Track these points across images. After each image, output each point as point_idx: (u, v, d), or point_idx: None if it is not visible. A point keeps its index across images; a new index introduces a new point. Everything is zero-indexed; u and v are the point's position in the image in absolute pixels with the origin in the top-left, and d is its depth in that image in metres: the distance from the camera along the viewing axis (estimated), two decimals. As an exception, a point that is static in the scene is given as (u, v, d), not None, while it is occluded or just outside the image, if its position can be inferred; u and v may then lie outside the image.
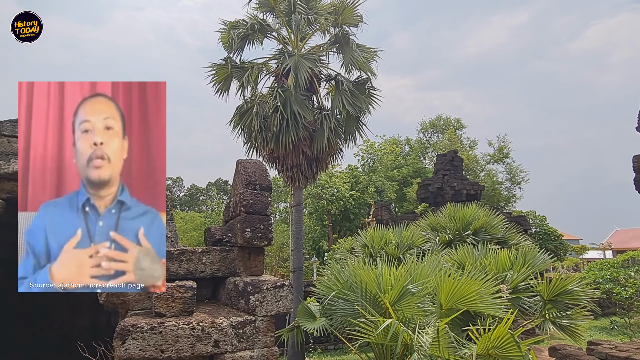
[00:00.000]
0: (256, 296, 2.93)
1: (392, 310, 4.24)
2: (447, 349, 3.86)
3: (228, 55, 8.97)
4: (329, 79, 8.82)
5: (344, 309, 4.85)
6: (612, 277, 16.42)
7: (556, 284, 5.45)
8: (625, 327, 15.02)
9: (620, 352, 10.30)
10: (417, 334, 3.77)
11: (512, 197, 30.80)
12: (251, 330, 2.76)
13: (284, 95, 7.91)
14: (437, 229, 9.48)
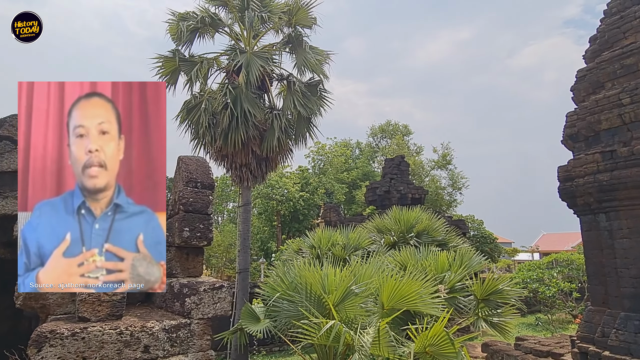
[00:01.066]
0: (192, 298, 2.81)
1: (336, 311, 4.27)
2: (387, 348, 3.96)
3: (176, 48, 8.61)
4: (281, 78, 8.76)
5: (289, 310, 4.81)
6: (538, 277, 17.86)
7: (488, 284, 5.79)
8: (548, 323, 16.39)
9: (543, 346, 11.20)
10: (359, 334, 3.83)
11: (454, 201, 32.49)
12: (186, 334, 2.64)
13: (234, 92, 7.74)
14: (383, 231, 9.74)
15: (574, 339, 10.03)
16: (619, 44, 9.75)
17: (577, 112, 10.21)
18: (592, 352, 9.06)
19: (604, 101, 9.39)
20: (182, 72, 8.69)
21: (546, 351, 10.71)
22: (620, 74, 9.44)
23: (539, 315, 17.63)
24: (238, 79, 7.95)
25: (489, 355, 11.37)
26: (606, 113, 9.33)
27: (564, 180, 10.29)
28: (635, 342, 8.42)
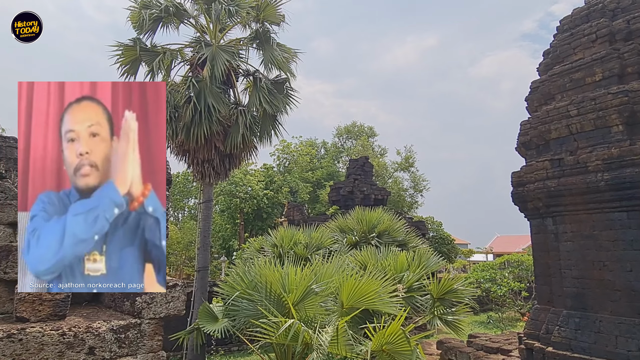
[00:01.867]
0: (144, 297, 2.71)
1: (295, 310, 4.27)
2: (345, 347, 4.00)
3: (137, 37, 8.26)
4: (247, 74, 8.62)
5: (248, 309, 4.76)
6: (491, 277, 18.72)
7: (444, 283, 6.00)
8: (499, 321, 17.23)
9: (494, 343, 11.75)
10: (318, 333, 3.84)
11: (415, 203, 33.38)
12: (135, 335, 2.53)
13: (198, 86, 7.53)
14: (346, 231, 9.84)
15: (522, 336, 10.61)
16: (569, 59, 10.40)
17: (530, 121, 10.79)
18: (537, 348, 9.62)
19: (554, 112, 9.99)
20: (144, 62, 8.35)
21: (496, 348, 11.26)
22: (569, 87, 10.08)
23: (490, 314, 18.47)
24: (202, 72, 7.75)
25: (443, 352, 11.78)
26: (555, 123, 9.92)
27: (516, 186, 10.84)
28: (575, 339, 9.02)
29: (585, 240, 9.27)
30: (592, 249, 9.15)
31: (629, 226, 8.61)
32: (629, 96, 8.75)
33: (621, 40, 9.62)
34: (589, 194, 9.07)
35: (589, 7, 10.52)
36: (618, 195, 8.63)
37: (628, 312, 8.46)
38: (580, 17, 10.58)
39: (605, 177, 8.71)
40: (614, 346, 8.39)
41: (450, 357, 11.38)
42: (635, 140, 8.70)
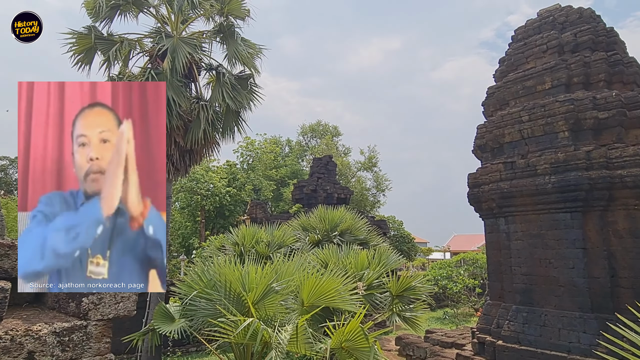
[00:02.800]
0: (90, 298, 2.57)
1: (255, 309, 4.22)
2: (304, 345, 4.00)
3: (92, 24, 7.83)
4: (210, 68, 8.40)
5: (206, 309, 4.65)
6: (447, 274, 19.42)
7: (403, 281, 6.15)
8: (454, 317, 17.91)
9: (449, 338, 12.21)
10: (277, 331, 3.82)
11: (377, 202, 34.02)
12: (80, 338, 2.40)
13: (157, 78, 7.25)
14: (308, 229, 9.86)
15: (474, 330, 11.10)
16: (522, 67, 10.97)
17: (486, 125, 11.29)
18: (488, 342, 10.09)
19: (508, 117, 10.50)
20: (99, 51, 7.93)
21: (451, 342, 11.71)
22: (522, 94, 10.64)
23: (446, 310, 19.17)
24: (163, 64, 7.47)
25: (402, 347, 12.10)
26: (509, 128, 10.44)
27: (472, 187, 11.31)
28: (522, 332, 9.55)
29: (534, 239, 9.83)
30: (539, 248, 9.72)
31: (572, 226, 9.22)
32: (575, 104, 9.36)
33: (569, 51, 10.27)
34: (537, 196, 9.62)
35: (541, 19, 11.15)
36: (563, 197, 9.22)
37: (570, 306, 9.06)
38: (533, 28, 11.19)
39: (552, 180, 9.28)
40: (557, 338, 8.97)
41: (408, 352, 11.71)
42: (579, 146, 9.32)
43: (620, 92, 9.37)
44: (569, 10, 10.80)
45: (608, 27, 10.37)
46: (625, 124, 9.15)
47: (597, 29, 10.19)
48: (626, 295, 8.51)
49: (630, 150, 8.68)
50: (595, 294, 8.81)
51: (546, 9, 11.22)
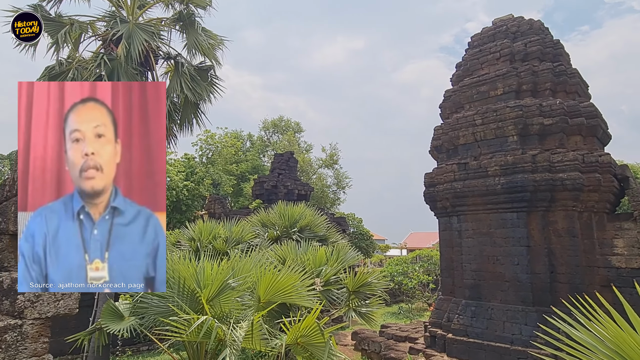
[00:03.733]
0: (27, 295, 2.40)
1: (210, 306, 4.14)
2: (259, 342, 3.98)
3: (39, 3, 7.30)
4: (168, 57, 8.09)
5: (158, 306, 4.50)
6: (403, 271, 20.02)
7: (359, 277, 6.27)
8: (409, 312, 18.50)
9: (403, 332, 12.59)
10: (232, 328, 3.77)
11: (337, 200, 34.34)
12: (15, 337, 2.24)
13: (110, 64, 6.88)
14: (267, 225, 9.79)
15: (427, 324, 11.53)
16: (477, 72, 11.47)
17: (443, 127, 11.71)
18: (439, 335, 10.53)
19: (462, 120, 10.96)
20: (46, 33, 7.40)
21: (404, 336, 12.09)
22: (476, 98, 11.13)
23: (401, 305, 19.76)
24: (117, 50, 7.10)
25: (357, 342, 12.34)
26: (463, 130, 10.89)
27: (428, 186, 11.71)
28: (471, 325, 10.04)
29: (483, 237, 10.35)
30: (488, 245, 10.25)
31: (517, 225, 9.79)
32: (523, 110, 9.93)
33: (519, 60, 10.86)
34: (487, 196, 10.13)
35: (495, 27, 11.71)
36: (510, 197, 9.76)
37: (514, 300, 9.63)
38: (488, 36, 11.72)
39: (502, 181, 9.80)
40: (502, 330, 9.51)
41: (363, 346, 11.95)
42: (526, 149, 9.91)
43: (564, 101, 10.05)
44: (521, 21, 11.42)
45: (555, 39, 11.07)
46: (567, 130, 9.83)
47: (545, 41, 10.84)
48: (563, 289, 9.17)
49: (570, 155, 9.34)
50: (537, 289, 9.42)
51: (500, 19, 11.79)
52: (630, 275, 8.78)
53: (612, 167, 9.44)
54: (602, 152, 9.78)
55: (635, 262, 8.80)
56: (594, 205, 9.41)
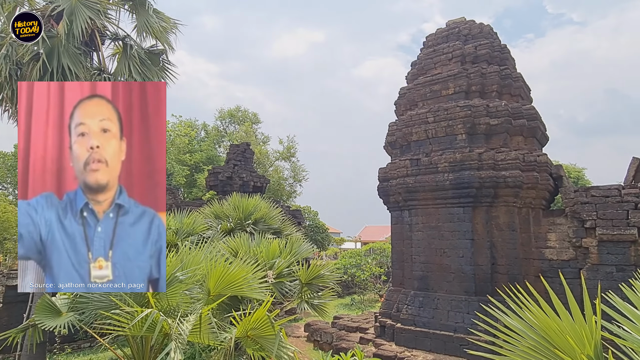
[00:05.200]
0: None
1: (156, 300, 4.00)
2: (208, 335, 3.90)
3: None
4: (115, 38, 7.61)
5: (99, 300, 4.28)
6: (356, 263, 20.46)
7: (312, 269, 6.32)
8: (361, 303, 18.95)
9: (354, 322, 12.88)
10: (178, 322, 3.66)
11: (294, 192, 34.29)
12: None
13: (50, 42, 6.36)
14: (221, 217, 9.60)
15: (377, 315, 11.88)
16: (431, 72, 11.87)
17: (397, 123, 12.02)
18: (389, 325, 10.89)
19: (416, 117, 11.30)
20: (-26, 3, 6.71)
21: (355, 327, 12.39)
22: (429, 97, 11.52)
23: (354, 296, 20.20)
24: (57, 27, 6.58)
25: (310, 333, 12.47)
26: (416, 127, 11.25)
27: (382, 180, 12.00)
28: (418, 315, 10.48)
29: (432, 230, 10.79)
30: (436, 238, 10.71)
31: (464, 219, 10.31)
32: (472, 110, 10.42)
33: (470, 62, 11.35)
34: (437, 191, 10.56)
35: (449, 29, 12.14)
36: (458, 193, 10.24)
37: (458, 291, 10.16)
38: (442, 37, 12.14)
39: (450, 178, 10.25)
40: (446, 319, 10.01)
41: (316, 338, 12.10)
42: (473, 148, 10.42)
43: (508, 103, 10.66)
44: (472, 25, 11.92)
45: (502, 44, 11.68)
46: (510, 131, 10.45)
47: (493, 45, 11.41)
48: (502, 279, 9.80)
49: (512, 154, 9.94)
50: (479, 279, 10.00)
51: (453, 21, 12.25)
52: (560, 267, 9.55)
53: (548, 166, 10.16)
54: (541, 152, 10.50)
55: (565, 254, 9.58)
56: (531, 202, 10.11)
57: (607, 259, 8.84)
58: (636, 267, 8.34)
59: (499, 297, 8.09)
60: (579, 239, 9.27)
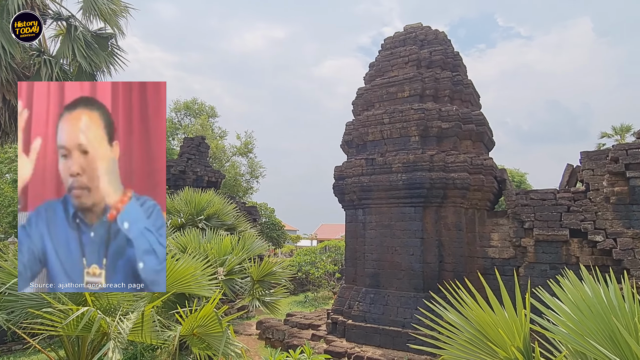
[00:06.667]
0: None
1: (94, 298, 3.78)
2: (150, 334, 3.75)
3: None
4: (59, 18, 7.08)
5: (31, 299, 3.98)
6: (311, 261, 20.56)
7: (264, 266, 6.26)
8: (315, 300, 19.07)
9: (307, 319, 12.93)
10: (118, 320, 3.48)
11: (250, 189, 33.80)
12: None
13: (-19, 17, 5.81)
14: (172, 212, 9.26)
15: (329, 311, 12.00)
16: (388, 74, 12.14)
17: (354, 123, 12.19)
18: (340, 321, 11.04)
19: (372, 118, 11.52)
20: None
21: (308, 324, 12.44)
22: (385, 98, 11.78)
23: (308, 294, 20.28)
24: (-9, 2, 6.01)
25: (262, 331, 12.36)
26: (372, 127, 11.47)
27: (338, 179, 12.12)
28: (369, 311, 10.71)
29: (385, 229, 11.06)
30: (388, 237, 10.99)
31: (414, 219, 10.66)
32: (425, 113, 10.78)
33: (425, 66, 11.74)
34: (390, 191, 10.83)
35: (406, 33, 12.48)
36: (410, 193, 10.57)
37: (407, 287, 10.49)
38: (399, 40, 12.46)
39: (403, 178, 10.55)
40: (396, 315, 10.31)
41: (267, 335, 12.02)
42: (425, 150, 10.79)
43: (459, 108, 11.14)
44: (428, 31, 12.33)
45: (455, 51, 12.18)
46: (460, 135, 10.93)
47: (447, 51, 11.87)
48: (448, 277, 10.24)
49: (461, 157, 10.41)
50: (427, 277, 10.38)
51: (411, 26, 12.60)
52: (501, 265, 10.14)
53: (494, 170, 10.75)
54: (487, 156, 11.07)
55: (505, 253, 10.18)
56: (477, 203, 10.64)
57: (542, 258, 9.50)
58: (566, 265, 9.04)
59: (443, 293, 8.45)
60: (518, 239, 9.89)
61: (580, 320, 2.13)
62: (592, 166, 9.28)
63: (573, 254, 9.20)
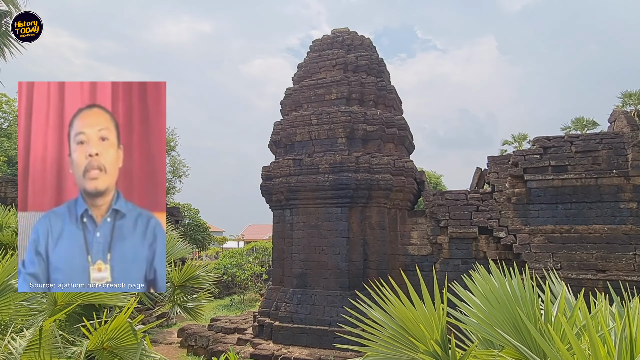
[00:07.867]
0: None
1: (-22, 315, 3.25)
2: (50, 351, 3.33)
3: None
4: None
5: None
6: (237, 263, 20.05)
7: (186, 270, 5.93)
8: (241, 303, 18.62)
9: (232, 323, 12.57)
10: (10, 339, 3.03)
11: (172, 188, 32.00)
12: None
13: None
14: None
15: (256, 314, 11.79)
16: (316, 76, 12.30)
17: (282, 123, 12.14)
18: (267, 323, 10.90)
19: (300, 119, 11.58)
20: None
21: (233, 328, 12.10)
22: (314, 100, 11.92)
23: (234, 297, 19.75)
24: None
25: (184, 339, 11.75)
26: (300, 128, 11.52)
27: (265, 179, 11.97)
28: (296, 312, 10.72)
29: (312, 229, 11.17)
30: (315, 237, 11.11)
31: (341, 219, 10.91)
32: (351, 116, 11.10)
33: (351, 70, 12.10)
34: (317, 191, 10.97)
35: (334, 37, 12.75)
36: (336, 193, 10.80)
37: (334, 286, 10.70)
38: (327, 43, 12.68)
39: (330, 179, 10.75)
40: (322, 314, 10.45)
41: (190, 342, 11.45)
42: (352, 151, 11.11)
43: (383, 112, 11.66)
44: (355, 36, 12.73)
45: (380, 58, 12.72)
46: (384, 137, 11.44)
47: (372, 57, 12.36)
48: (373, 274, 10.65)
49: (385, 159, 10.90)
50: (353, 275, 10.69)
51: (339, 30, 12.90)
52: (420, 261, 10.81)
53: (414, 172, 11.42)
54: (408, 159, 11.74)
55: (424, 250, 10.87)
56: (399, 203, 11.22)
57: (455, 254, 10.31)
58: (476, 259, 9.92)
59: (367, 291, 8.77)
60: (435, 237, 10.62)
61: (489, 311, 2.31)
62: (497, 169, 10.30)
63: (481, 249, 10.12)
